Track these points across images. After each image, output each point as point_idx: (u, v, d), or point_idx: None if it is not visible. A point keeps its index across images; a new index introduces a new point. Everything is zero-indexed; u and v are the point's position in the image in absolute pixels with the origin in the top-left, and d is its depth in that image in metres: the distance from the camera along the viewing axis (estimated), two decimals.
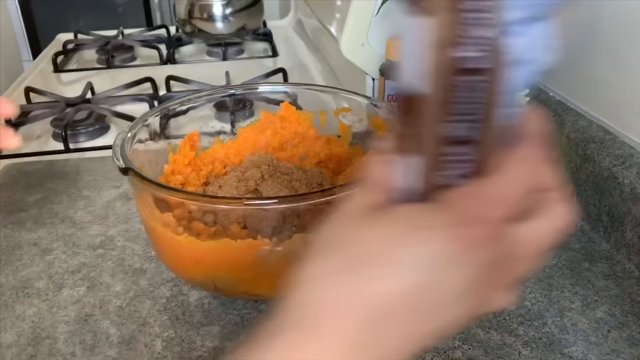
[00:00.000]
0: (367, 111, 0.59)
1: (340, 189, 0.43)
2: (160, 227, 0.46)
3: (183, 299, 0.51)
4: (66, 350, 0.46)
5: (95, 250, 0.58)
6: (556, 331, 0.47)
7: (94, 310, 0.50)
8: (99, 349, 0.46)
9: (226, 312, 0.50)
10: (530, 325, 0.48)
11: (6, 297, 0.52)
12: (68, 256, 0.57)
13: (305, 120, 0.62)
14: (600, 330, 0.47)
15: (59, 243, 0.59)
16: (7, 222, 0.63)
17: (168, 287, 0.53)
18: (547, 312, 0.49)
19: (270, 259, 0.44)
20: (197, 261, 0.46)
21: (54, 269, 0.55)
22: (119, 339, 0.47)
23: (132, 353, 0.46)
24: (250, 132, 0.63)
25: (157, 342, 0.47)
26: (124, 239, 0.60)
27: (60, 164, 0.75)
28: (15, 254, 0.58)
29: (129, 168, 0.45)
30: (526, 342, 0.46)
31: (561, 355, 0.45)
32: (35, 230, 0.61)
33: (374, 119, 0.58)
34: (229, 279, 0.46)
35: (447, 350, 0.45)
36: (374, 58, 0.82)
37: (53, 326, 0.48)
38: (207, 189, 0.56)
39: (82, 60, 1.22)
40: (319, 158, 0.62)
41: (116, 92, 0.95)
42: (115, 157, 0.46)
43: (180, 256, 0.47)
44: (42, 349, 0.46)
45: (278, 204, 0.44)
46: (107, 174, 0.72)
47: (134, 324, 0.48)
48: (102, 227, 0.62)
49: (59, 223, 0.63)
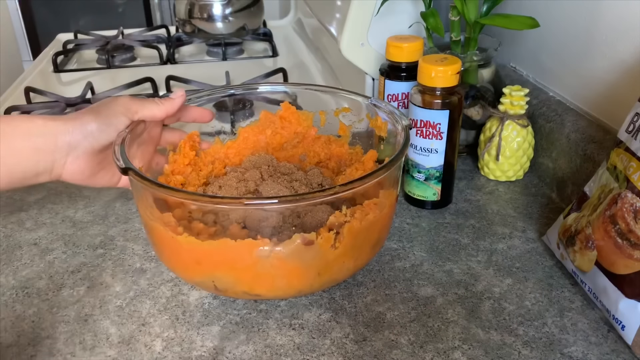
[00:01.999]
0: (367, 111, 0.59)
1: (340, 188, 0.43)
2: (160, 227, 0.46)
3: (183, 299, 0.51)
4: (66, 350, 0.46)
5: (95, 250, 0.58)
6: (556, 331, 0.47)
7: (94, 310, 0.50)
8: (99, 349, 0.46)
9: (226, 312, 0.50)
10: (530, 325, 0.48)
11: (6, 297, 0.52)
12: (68, 256, 0.57)
13: (306, 120, 0.62)
14: (600, 330, 0.47)
15: (59, 243, 0.59)
16: (7, 222, 0.63)
17: (168, 287, 0.53)
18: (547, 312, 0.49)
19: (271, 259, 0.44)
20: (197, 261, 0.46)
21: (54, 269, 0.55)
22: (118, 339, 0.47)
23: (132, 353, 0.46)
24: (250, 132, 0.63)
25: (157, 342, 0.47)
26: (124, 239, 0.60)
27: None
28: (15, 254, 0.58)
29: (129, 168, 0.45)
30: (526, 342, 0.46)
31: (561, 355, 0.45)
32: (35, 230, 0.61)
33: (374, 119, 0.58)
34: (229, 279, 0.46)
35: (447, 350, 0.45)
36: (374, 58, 0.82)
37: (53, 326, 0.48)
38: (207, 189, 0.56)
39: (82, 60, 1.22)
40: (319, 158, 0.62)
41: (116, 92, 0.95)
42: (115, 157, 0.46)
43: (180, 256, 0.47)
44: (42, 349, 0.46)
45: (278, 204, 0.44)
46: None
47: (134, 324, 0.48)
48: (102, 227, 0.62)
49: (59, 223, 0.63)
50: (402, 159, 0.48)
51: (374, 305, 0.50)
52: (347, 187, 0.43)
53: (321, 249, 0.44)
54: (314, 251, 0.44)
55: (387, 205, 0.49)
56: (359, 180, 0.44)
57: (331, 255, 0.45)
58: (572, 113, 0.65)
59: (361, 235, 0.46)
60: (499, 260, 0.56)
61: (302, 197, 0.43)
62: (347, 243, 0.45)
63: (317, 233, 0.44)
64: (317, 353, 0.45)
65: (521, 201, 0.66)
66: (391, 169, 0.46)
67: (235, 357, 0.45)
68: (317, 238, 0.44)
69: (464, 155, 0.76)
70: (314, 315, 0.49)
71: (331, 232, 0.44)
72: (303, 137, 0.62)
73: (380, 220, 0.48)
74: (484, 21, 0.66)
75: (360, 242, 0.47)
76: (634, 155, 0.45)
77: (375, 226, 0.48)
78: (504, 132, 0.67)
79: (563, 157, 0.64)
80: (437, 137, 0.60)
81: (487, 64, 0.72)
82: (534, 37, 0.73)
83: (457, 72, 0.59)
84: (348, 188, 0.43)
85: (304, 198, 0.43)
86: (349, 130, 0.62)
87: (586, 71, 0.64)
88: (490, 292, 0.52)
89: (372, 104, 0.57)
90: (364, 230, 0.46)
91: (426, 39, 0.73)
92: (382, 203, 0.48)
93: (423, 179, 0.62)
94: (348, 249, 0.46)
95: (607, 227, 0.46)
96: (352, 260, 0.47)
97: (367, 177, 0.44)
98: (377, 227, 0.49)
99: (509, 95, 0.67)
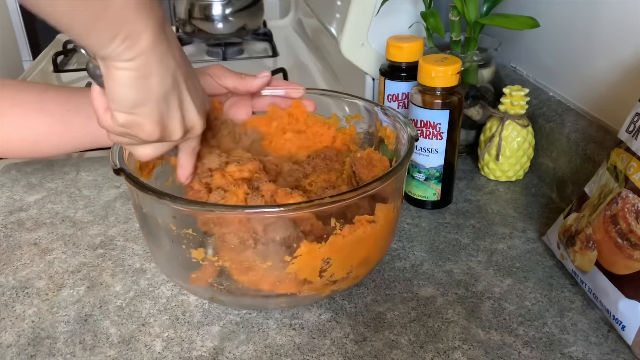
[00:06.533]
0: (369, 115, 0.58)
1: (328, 200, 0.42)
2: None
3: (183, 299, 0.51)
4: (66, 350, 0.46)
5: (95, 250, 0.58)
6: (556, 331, 0.47)
7: (93, 310, 0.50)
8: (99, 349, 0.46)
9: (226, 312, 0.50)
10: (530, 325, 0.48)
11: (6, 297, 0.52)
12: (68, 256, 0.57)
13: (315, 124, 0.61)
14: (600, 330, 0.47)
15: (59, 243, 0.59)
16: (7, 222, 0.63)
17: (168, 287, 0.53)
18: (547, 312, 0.49)
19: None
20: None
21: (54, 269, 0.55)
22: (118, 339, 0.47)
23: (132, 353, 0.46)
24: (257, 122, 0.62)
25: (157, 342, 0.47)
26: (124, 239, 0.60)
27: (60, 164, 0.75)
28: (15, 254, 0.58)
29: (121, 169, 0.45)
30: (526, 342, 0.46)
31: (561, 355, 0.45)
32: (35, 230, 0.61)
33: (383, 127, 0.57)
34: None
35: (447, 350, 0.45)
36: (374, 58, 0.82)
37: (53, 326, 0.48)
38: (210, 197, 0.55)
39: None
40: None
41: None
42: (111, 158, 0.46)
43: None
44: (42, 349, 0.46)
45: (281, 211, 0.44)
46: (107, 174, 0.72)
47: (133, 324, 0.48)
48: (102, 227, 0.62)
49: (59, 223, 0.63)
50: (404, 169, 0.47)
51: (374, 305, 0.50)
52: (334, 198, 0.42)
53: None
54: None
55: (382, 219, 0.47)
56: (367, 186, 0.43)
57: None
58: (572, 113, 0.65)
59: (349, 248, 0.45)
60: (499, 260, 0.56)
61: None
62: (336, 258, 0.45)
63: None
64: (317, 353, 0.45)
65: (521, 201, 0.66)
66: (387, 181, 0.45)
67: (235, 357, 0.45)
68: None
69: (464, 155, 0.76)
70: (314, 315, 0.49)
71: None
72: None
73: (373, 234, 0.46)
74: (484, 21, 0.66)
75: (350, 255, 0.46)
76: (635, 155, 0.45)
77: (366, 241, 0.46)
78: (504, 132, 0.67)
79: (563, 157, 0.64)
80: (437, 137, 0.60)
81: (487, 64, 0.72)
82: (534, 37, 0.73)
83: (457, 72, 0.59)
84: (336, 200, 0.42)
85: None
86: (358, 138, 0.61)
87: (586, 71, 0.64)
88: (490, 292, 0.52)
89: (380, 108, 0.56)
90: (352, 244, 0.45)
91: (426, 39, 0.73)
92: (377, 217, 0.46)
93: (423, 179, 0.62)
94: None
95: (608, 227, 0.46)
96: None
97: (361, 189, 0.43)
98: (368, 243, 0.47)
99: (509, 95, 0.67)
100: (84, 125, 0.60)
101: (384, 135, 0.57)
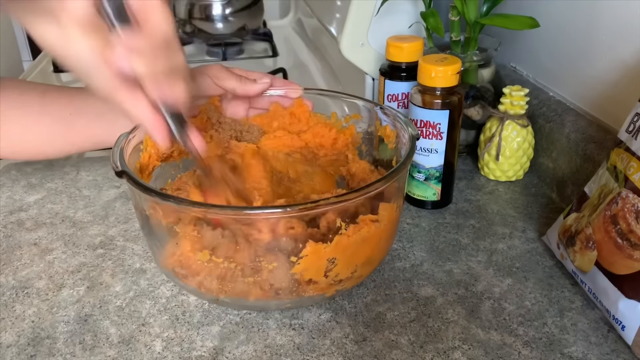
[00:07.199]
0: (369, 115, 0.58)
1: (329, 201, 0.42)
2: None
3: (183, 299, 0.51)
4: (66, 350, 0.46)
5: (95, 250, 0.58)
6: (556, 331, 0.47)
7: (93, 310, 0.50)
8: (99, 349, 0.46)
9: (226, 312, 0.50)
10: (530, 325, 0.48)
11: (6, 297, 0.52)
12: (68, 256, 0.57)
13: (317, 124, 0.61)
14: (600, 330, 0.47)
15: (59, 243, 0.59)
16: (7, 222, 0.63)
17: (168, 287, 0.53)
18: (547, 312, 0.49)
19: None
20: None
21: (54, 269, 0.55)
22: (118, 339, 0.47)
23: (132, 353, 0.46)
24: (259, 121, 0.62)
25: (157, 342, 0.47)
26: (124, 239, 0.60)
27: (60, 164, 0.75)
28: (15, 254, 0.58)
29: (123, 171, 0.45)
30: (526, 342, 0.46)
31: (561, 355, 0.45)
32: (35, 230, 0.61)
33: (383, 127, 0.57)
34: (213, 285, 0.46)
35: (447, 350, 0.45)
36: (374, 58, 0.82)
37: (53, 326, 0.48)
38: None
39: None
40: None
41: None
42: (112, 160, 0.46)
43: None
44: (42, 349, 0.46)
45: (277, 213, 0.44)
46: (107, 174, 0.72)
47: (133, 324, 0.48)
48: (102, 227, 0.62)
49: (59, 223, 0.63)
50: (405, 169, 0.47)
51: (374, 305, 0.50)
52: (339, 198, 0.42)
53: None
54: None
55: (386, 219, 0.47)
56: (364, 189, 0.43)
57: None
58: (572, 113, 0.65)
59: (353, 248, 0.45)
60: (499, 260, 0.56)
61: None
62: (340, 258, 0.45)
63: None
64: (317, 353, 0.45)
65: (521, 201, 0.66)
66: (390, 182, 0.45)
67: (235, 357, 0.45)
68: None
69: (464, 155, 0.76)
70: (314, 316, 0.49)
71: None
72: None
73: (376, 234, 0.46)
74: (484, 21, 0.66)
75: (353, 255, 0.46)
76: (635, 155, 0.45)
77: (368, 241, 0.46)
78: (504, 132, 0.66)
79: (563, 157, 0.64)
80: (437, 137, 0.60)
81: (487, 64, 0.72)
82: (534, 37, 0.73)
83: (457, 72, 0.59)
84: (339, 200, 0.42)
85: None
86: (358, 137, 0.61)
87: (586, 71, 0.64)
88: (490, 292, 0.52)
89: (378, 107, 0.57)
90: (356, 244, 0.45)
91: (426, 39, 0.73)
92: (381, 216, 0.46)
93: (423, 179, 0.62)
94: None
95: (608, 227, 0.46)
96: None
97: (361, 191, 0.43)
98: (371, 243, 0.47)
99: (509, 95, 0.67)
100: (87, 127, 0.60)
101: (383, 134, 0.57)
